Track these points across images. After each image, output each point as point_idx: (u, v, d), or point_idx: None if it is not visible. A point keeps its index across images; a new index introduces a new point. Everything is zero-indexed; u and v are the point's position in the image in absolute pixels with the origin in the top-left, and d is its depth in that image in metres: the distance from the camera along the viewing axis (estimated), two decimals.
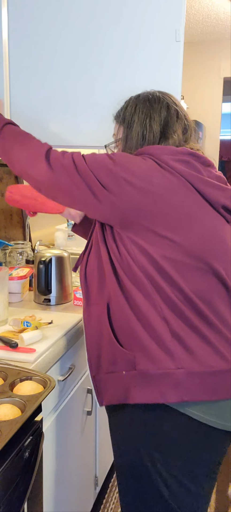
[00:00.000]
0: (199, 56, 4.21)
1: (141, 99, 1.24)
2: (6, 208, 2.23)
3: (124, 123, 1.24)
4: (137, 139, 1.20)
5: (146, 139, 1.20)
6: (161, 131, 1.20)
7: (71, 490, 1.58)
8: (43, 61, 1.65)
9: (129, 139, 1.22)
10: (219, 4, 3.30)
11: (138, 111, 1.22)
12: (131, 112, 1.23)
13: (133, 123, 1.22)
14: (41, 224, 2.69)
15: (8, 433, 0.88)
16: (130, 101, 1.26)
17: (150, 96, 1.24)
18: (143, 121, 1.21)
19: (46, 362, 1.27)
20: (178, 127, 1.21)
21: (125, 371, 1.11)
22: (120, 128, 1.27)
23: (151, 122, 1.20)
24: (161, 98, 1.23)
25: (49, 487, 1.36)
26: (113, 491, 2.17)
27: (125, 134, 1.23)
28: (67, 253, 1.78)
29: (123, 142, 1.25)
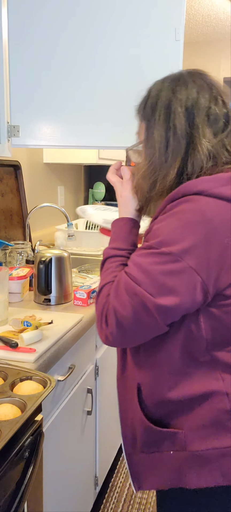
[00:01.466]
0: (199, 56, 4.21)
1: (165, 85, 0.98)
2: (6, 208, 2.23)
3: (145, 121, 1.00)
4: (160, 144, 0.95)
5: (169, 144, 0.94)
6: (187, 129, 0.94)
7: (71, 490, 1.58)
8: (44, 60, 1.65)
9: (149, 144, 0.98)
10: (219, 4, 3.30)
11: (160, 104, 0.97)
12: (153, 106, 0.98)
13: (154, 123, 0.97)
14: (41, 224, 2.69)
15: (8, 433, 0.88)
16: (152, 89, 1.01)
17: (177, 79, 0.99)
18: (165, 118, 0.96)
19: (46, 362, 1.27)
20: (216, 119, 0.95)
21: (173, 452, 0.96)
22: (141, 126, 1.03)
23: (176, 122, 0.94)
24: (189, 82, 0.97)
25: (49, 487, 1.36)
26: (113, 491, 2.17)
27: (146, 135, 0.99)
28: (67, 253, 1.78)
29: (143, 145, 1.00)
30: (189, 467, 0.93)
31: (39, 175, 2.72)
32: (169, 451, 0.96)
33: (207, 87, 0.98)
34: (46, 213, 2.72)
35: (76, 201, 3.39)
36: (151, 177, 0.97)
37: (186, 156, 0.94)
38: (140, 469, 1.02)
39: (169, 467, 0.96)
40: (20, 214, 2.36)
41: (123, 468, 2.34)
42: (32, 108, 1.68)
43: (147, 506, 2.09)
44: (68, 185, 3.19)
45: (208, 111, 0.95)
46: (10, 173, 2.28)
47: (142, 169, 0.99)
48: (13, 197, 2.30)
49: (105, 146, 1.72)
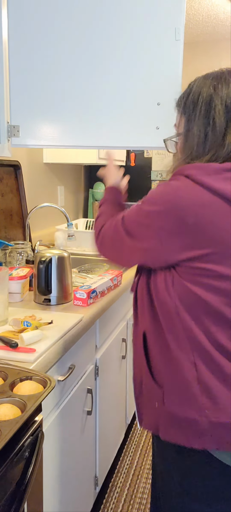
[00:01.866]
0: (199, 56, 4.20)
1: (207, 82, 1.06)
2: (6, 208, 2.23)
3: (185, 115, 1.09)
4: (198, 139, 1.05)
5: (208, 137, 1.04)
6: (224, 129, 1.03)
7: (71, 490, 1.58)
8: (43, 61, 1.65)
9: (189, 137, 1.07)
10: (219, 4, 3.30)
11: (201, 100, 1.05)
12: (195, 101, 1.06)
13: (194, 116, 1.06)
14: (41, 224, 2.69)
15: (8, 433, 0.88)
16: (194, 85, 1.09)
17: (218, 76, 1.07)
18: (205, 114, 1.04)
19: (46, 362, 1.27)
20: None
21: (157, 404, 1.10)
22: (181, 119, 1.11)
23: (216, 116, 1.03)
24: (230, 81, 1.05)
25: (49, 487, 1.36)
26: (113, 491, 2.17)
27: (186, 128, 1.08)
28: (67, 253, 1.78)
29: (183, 138, 1.10)
30: (163, 422, 1.08)
31: (39, 175, 2.72)
32: (155, 402, 1.10)
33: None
34: (46, 213, 2.72)
35: (76, 201, 3.40)
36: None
37: (217, 150, 1.04)
38: (141, 409, 1.18)
39: (154, 415, 1.11)
40: (20, 214, 2.36)
41: (122, 468, 2.34)
42: (32, 108, 1.68)
43: (147, 506, 2.09)
44: (68, 185, 3.19)
45: None
46: (10, 173, 2.28)
47: (180, 159, 1.10)
48: (13, 197, 2.30)
49: (104, 146, 1.71)
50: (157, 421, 1.10)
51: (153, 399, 1.11)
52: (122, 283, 2.02)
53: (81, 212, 3.51)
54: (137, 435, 2.62)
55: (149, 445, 2.54)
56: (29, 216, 2.34)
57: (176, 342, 1.05)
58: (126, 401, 2.38)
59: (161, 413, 1.09)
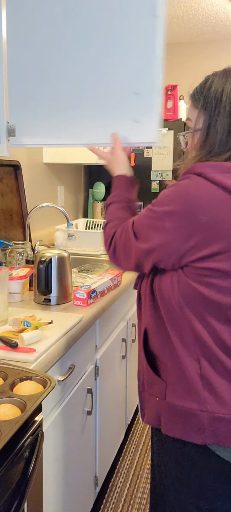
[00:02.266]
0: (199, 56, 4.20)
1: (229, 79, 1.03)
2: (6, 208, 2.23)
3: (206, 110, 1.04)
4: (221, 136, 1.02)
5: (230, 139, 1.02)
6: None
7: (71, 490, 1.58)
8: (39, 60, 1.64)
9: (211, 134, 1.03)
10: (219, 4, 3.30)
11: (225, 97, 1.01)
12: (218, 97, 1.02)
13: (218, 113, 1.02)
14: (41, 224, 2.69)
15: (8, 433, 0.88)
16: (215, 80, 1.05)
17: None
18: (228, 115, 1.01)
19: (46, 362, 1.27)
20: None
21: (158, 398, 1.11)
22: (199, 115, 1.06)
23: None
24: None
25: (49, 487, 1.36)
26: (113, 491, 2.17)
27: (206, 125, 1.04)
28: (67, 253, 1.78)
29: (202, 136, 1.06)
30: (164, 415, 1.10)
31: (39, 175, 2.72)
32: (156, 396, 1.12)
33: None
34: (46, 213, 2.72)
35: (76, 201, 3.40)
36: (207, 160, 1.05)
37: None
38: (143, 404, 1.20)
39: (155, 408, 1.13)
40: (20, 214, 2.36)
41: (122, 468, 2.34)
42: (28, 107, 1.67)
43: (147, 506, 2.09)
44: (68, 185, 3.19)
45: None
46: (10, 173, 2.28)
47: (198, 155, 1.06)
48: (13, 197, 2.30)
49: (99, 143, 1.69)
50: (159, 415, 1.12)
51: (154, 393, 1.13)
52: (122, 283, 2.02)
53: (81, 212, 3.51)
54: (137, 435, 2.62)
55: (149, 445, 2.54)
56: (29, 216, 2.34)
57: (179, 338, 1.05)
58: (126, 401, 2.38)
59: (162, 406, 1.10)
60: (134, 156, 3.36)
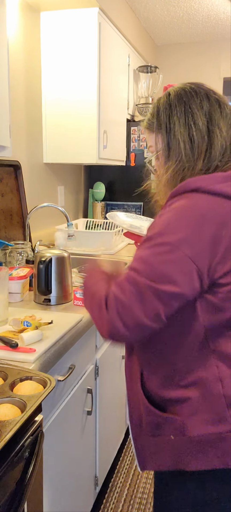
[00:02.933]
0: (199, 56, 4.20)
1: (172, 97, 1.07)
2: (6, 208, 2.23)
3: (161, 129, 1.06)
4: (184, 142, 1.02)
5: (194, 140, 1.01)
6: (207, 127, 1.02)
7: (71, 490, 1.58)
8: None
9: (173, 146, 1.04)
10: (219, 4, 3.30)
11: (175, 110, 1.05)
12: (167, 113, 1.06)
13: (173, 125, 1.04)
14: (41, 224, 2.69)
15: (8, 433, 0.88)
16: (160, 103, 1.09)
17: (183, 90, 1.07)
18: (185, 120, 1.03)
19: (46, 362, 1.27)
20: (223, 122, 1.03)
21: (175, 437, 1.01)
22: (157, 136, 1.08)
23: (194, 118, 1.02)
24: (197, 89, 1.07)
25: (49, 487, 1.36)
26: (113, 491, 2.17)
27: (166, 141, 1.05)
28: (67, 253, 1.78)
29: (165, 152, 1.06)
30: (188, 452, 0.99)
31: (39, 175, 2.72)
32: (170, 435, 1.01)
33: (210, 91, 1.08)
34: (46, 213, 2.72)
35: (76, 201, 3.39)
36: (180, 174, 1.03)
37: (207, 150, 1.02)
38: (145, 450, 1.07)
39: (170, 450, 1.02)
40: (20, 214, 2.36)
41: (122, 468, 2.34)
42: None
43: (147, 506, 2.09)
44: (68, 185, 3.19)
45: (220, 109, 1.04)
46: (10, 173, 2.28)
47: (169, 170, 1.05)
48: (13, 197, 2.30)
49: None
50: (177, 455, 1.01)
51: (165, 433, 1.02)
52: None
53: (81, 212, 3.51)
54: None
55: None
56: (29, 216, 2.33)
57: (198, 362, 0.99)
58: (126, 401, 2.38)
59: (181, 444, 1.00)
60: (134, 156, 3.36)
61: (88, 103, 2.63)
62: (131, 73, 3.37)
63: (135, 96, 3.52)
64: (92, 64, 2.58)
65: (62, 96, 2.64)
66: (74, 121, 2.66)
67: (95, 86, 2.60)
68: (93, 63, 2.58)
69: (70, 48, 2.61)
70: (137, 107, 3.53)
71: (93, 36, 2.55)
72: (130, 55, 3.27)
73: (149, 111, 1.12)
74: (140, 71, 3.53)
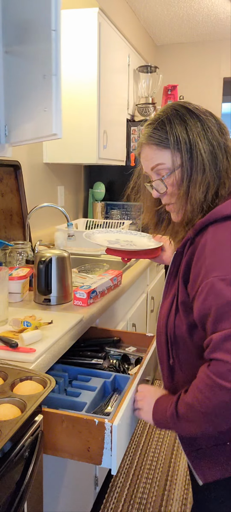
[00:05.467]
0: (199, 56, 4.20)
1: (183, 111, 1.05)
2: (6, 208, 2.23)
3: (181, 145, 1.02)
4: (208, 160, 1.01)
5: (217, 156, 1.01)
6: (224, 142, 1.04)
7: (71, 490, 1.58)
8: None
9: (196, 163, 1.01)
10: (219, 4, 3.30)
11: (191, 124, 1.02)
12: (183, 128, 1.02)
13: (194, 141, 1.01)
14: (41, 224, 2.69)
15: (8, 433, 0.88)
16: (171, 116, 1.04)
17: (186, 108, 1.05)
18: (204, 135, 1.01)
19: (46, 362, 1.27)
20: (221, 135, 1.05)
21: (229, 442, 1.01)
22: (174, 153, 1.04)
23: (213, 133, 1.03)
24: (197, 107, 1.07)
25: (49, 487, 1.36)
26: (113, 491, 2.17)
27: (188, 159, 1.02)
28: (67, 253, 1.78)
29: (186, 169, 1.02)
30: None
31: (39, 175, 2.72)
32: (226, 442, 1.00)
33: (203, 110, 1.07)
34: (46, 213, 2.72)
35: (76, 201, 3.39)
36: (207, 190, 1.01)
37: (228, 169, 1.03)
38: (202, 463, 1.05)
39: (224, 457, 1.02)
40: (20, 214, 2.36)
41: (122, 468, 2.34)
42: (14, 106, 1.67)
43: (147, 506, 2.09)
44: (68, 185, 3.19)
45: (221, 128, 1.05)
46: (10, 173, 2.28)
47: (197, 184, 1.01)
48: (13, 197, 2.30)
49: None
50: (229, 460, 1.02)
51: (221, 441, 1.02)
52: (122, 283, 2.02)
53: (81, 212, 3.51)
54: (137, 435, 2.62)
55: (149, 445, 2.54)
56: (29, 216, 2.33)
57: None
58: None
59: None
60: (134, 156, 3.36)
61: (88, 103, 2.63)
62: (131, 73, 3.37)
63: (134, 96, 3.52)
64: (92, 64, 2.59)
65: (62, 95, 2.64)
66: (74, 121, 2.66)
67: (95, 86, 2.60)
68: (93, 63, 2.58)
69: (70, 48, 2.61)
70: (136, 107, 3.53)
71: (93, 36, 2.56)
72: (130, 55, 3.27)
73: (151, 126, 1.07)
74: (140, 71, 3.53)
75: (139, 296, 2.59)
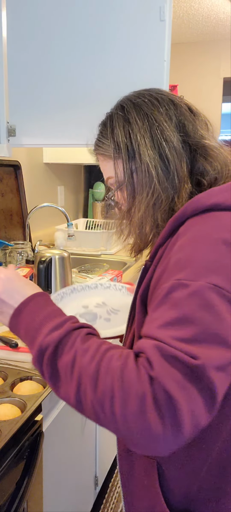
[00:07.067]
0: (199, 56, 4.20)
1: (129, 109, 0.82)
2: (6, 208, 2.23)
3: (121, 153, 0.81)
4: (156, 167, 0.78)
5: (169, 161, 0.78)
6: (182, 140, 0.80)
7: (71, 490, 1.58)
8: (40, 62, 1.65)
9: (140, 173, 0.79)
10: (219, 4, 3.30)
11: (135, 125, 0.80)
12: (125, 131, 0.81)
13: (137, 146, 0.79)
14: (41, 224, 2.69)
15: (8, 433, 0.89)
16: (113, 118, 0.84)
17: (141, 99, 0.82)
18: (152, 137, 0.79)
19: None
20: (200, 127, 0.83)
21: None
22: (116, 164, 0.83)
23: (164, 132, 0.79)
24: (157, 96, 0.83)
25: (49, 487, 1.36)
26: (113, 491, 2.17)
27: (129, 168, 0.81)
28: (67, 253, 1.78)
29: (128, 182, 0.81)
30: None
31: (39, 175, 2.72)
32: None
33: (172, 95, 0.85)
34: (46, 213, 2.72)
35: (76, 201, 3.40)
36: (160, 206, 0.79)
37: (197, 165, 0.80)
38: None
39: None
40: (20, 214, 2.36)
41: None
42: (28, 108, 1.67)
43: None
44: (68, 185, 3.19)
45: (192, 112, 0.84)
46: (10, 173, 2.28)
47: (142, 205, 0.80)
48: (13, 197, 2.30)
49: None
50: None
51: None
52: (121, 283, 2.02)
53: (81, 212, 3.51)
54: None
55: None
56: (29, 216, 2.34)
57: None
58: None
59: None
60: None
61: None
62: None
63: None
64: None
65: None
66: None
67: None
68: None
69: None
70: None
71: None
72: None
73: (99, 130, 0.88)
74: None
75: None
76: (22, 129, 1.68)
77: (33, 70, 1.66)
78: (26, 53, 1.65)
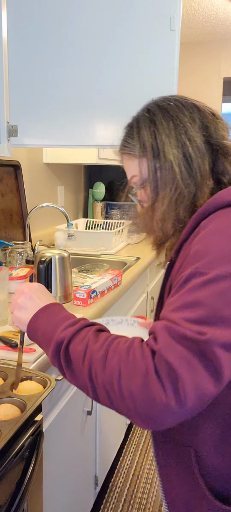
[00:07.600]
0: (199, 56, 4.20)
1: (155, 112, 0.89)
2: (6, 208, 2.23)
3: (146, 152, 0.87)
4: (179, 165, 0.84)
5: (192, 159, 0.84)
6: (205, 140, 0.86)
7: (71, 490, 1.58)
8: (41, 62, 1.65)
9: (164, 171, 0.85)
10: (219, 4, 3.30)
11: (161, 126, 0.86)
12: (151, 132, 0.87)
13: (162, 145, 0.85)
14: (41, 224, 2.69)
15: (8, 433, 0.88)
16: (140, 120, 0.90)
17: (167, 103, 0.90)
18: (176, 137, 0.85)
19: (46, 362, 1.27)
20: (221, 129, 0.89)
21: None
22: (141, 162, 0.89)
23: (188, 132, 0.85)
24: (181, 100, 0.90)
25: (49, 487, 1.36)
26: (113, 491, 2.17)
27: (153, 166, 0.86)
28: (67, 253, 1.78)
29: (153, 179, 0.87)
30: None
31: (39, 175, 2.72)
32: None
33: (193, 100, 0.92)
34: (46, 213, 2.72)
35: (76, 201, 3.40)
36: (183, 201, 0.85)
37: (218, 164, 0.87)
38: None
39: None
40: (20, 214, 2.36)
41: (123, 468, 2.34)
42: (30, 108, 1.67)
43: (147, 506, 2.09)
44: (68, 185, 3.19)
45: (214, 118, 0.89)
46: (10, 173, 2.28)
47: (166, 199, 0.86)
48: (13, 197, 2.30)
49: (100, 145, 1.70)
50: None
51: None
52: (121, 283, 2.02)
53: (81, 212, 3.51)
54: (137, 435, 2.62)
55: (148, 445, 2.54)
56: (29, 216, 2.34)
57: None
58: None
59: None
60: None
61: None
62: None
63: None
64: None
65: None
66: None
67: None
68: None
69: None
70: None
71: None
72: None
73: (124, 132, 0.94)
74: None
75: (139, 296, 2.58)
76: (23, 129, 1.68)
77: (34, 71, 1.66)
78: (27, 53, 1.65)
